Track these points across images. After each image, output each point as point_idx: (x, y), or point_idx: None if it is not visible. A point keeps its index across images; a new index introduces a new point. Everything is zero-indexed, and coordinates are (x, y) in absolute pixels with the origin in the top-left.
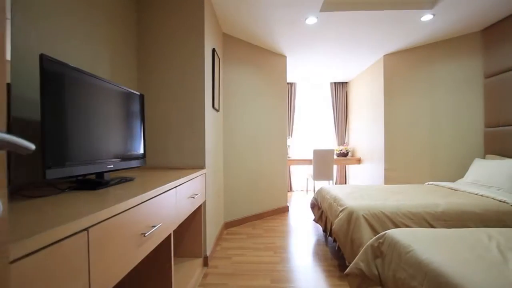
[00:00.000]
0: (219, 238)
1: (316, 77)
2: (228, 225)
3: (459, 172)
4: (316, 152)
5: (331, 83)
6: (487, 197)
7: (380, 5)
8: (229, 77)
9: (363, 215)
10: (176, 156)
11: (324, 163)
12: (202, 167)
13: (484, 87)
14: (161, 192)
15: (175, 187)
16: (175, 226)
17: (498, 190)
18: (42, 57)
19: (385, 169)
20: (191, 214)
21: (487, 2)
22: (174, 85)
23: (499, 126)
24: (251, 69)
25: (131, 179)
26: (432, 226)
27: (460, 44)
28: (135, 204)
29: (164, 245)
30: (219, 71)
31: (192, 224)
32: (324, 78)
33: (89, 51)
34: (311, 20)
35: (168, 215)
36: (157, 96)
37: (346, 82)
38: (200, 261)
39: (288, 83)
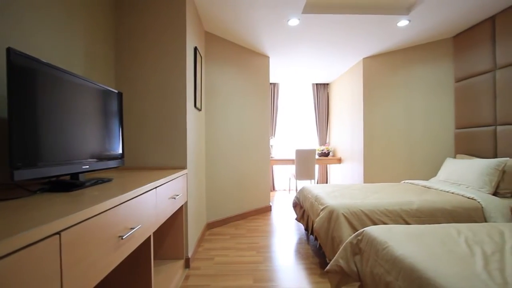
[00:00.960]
0: (201, 239)
1: (298, 77)
2: (210, 225)
3: (433, 171)
4: (298, 152)
5: (313, 84)
6: (457, 194)
7: (360, 9)
8: (211, 76)
9: (343, 214)
10: (156, 156)
11: (306, 163)
12: (183, 167)
13: (455, 90)
14: (140, 193)
15: (155, 187)
16: (155, 228)
17: (467, 187)
18: (9, 51)
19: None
20: (172, 215)
21: (458, 10)
22: (155, 83)
23: (468, 128)
24: (234, 68)
25: (108, 180)
26: (407, 223)
27: (434, 49)
28: (112, 206)
29: (143, 247)
30: (201, 70)
31: (173, 225)
32: (306, 79)
33: (63, 46)
34: (293, 21)
35: (147, 217)
36: (137, 94)
37: (328, 83)
38: (181, 262)
39: (271, 83)
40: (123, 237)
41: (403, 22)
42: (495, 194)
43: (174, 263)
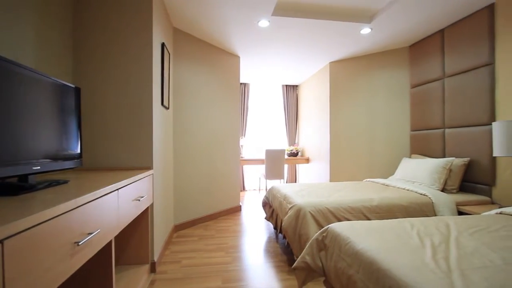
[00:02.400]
0: (169, 242)
1: (269, 78)
2: (178, 227)
3: (391, 170)
4: (268, 152)
5: (283, 85)
6: (411, 191)
7: (327, 15)
8: (180, 74)
9: (309, 212)
10: (120, 156)
11: (276, 163)
12: (149, 167)
13: (410, 95)
14: (99, 196)
15: (117, 189)
16: (116, 232)
17: (420, 184)
18: None
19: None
20: (136, 218)
21: (413, 22)
22: (118, 79)
23: (421, 130)
24: (204, 67)
25: (64, 182)
26: (368, 219)
27: (393, 57)
28: (66, 210)
29: (104, 253)
30: (169, 67)
31: (138, 229)
32: (277, 80)
33: (7, 34)
34: (264, 23)
35: (108, 221)
36: (98, 90)
37: (297, 85)
38: (146, 267)
39: (241, 83)
40: (80, 243)
41: (365, 30)
42: (443, 190)
43: (139, 268)
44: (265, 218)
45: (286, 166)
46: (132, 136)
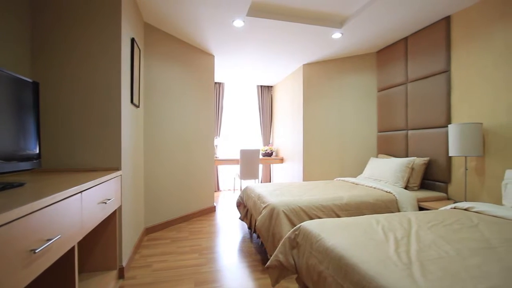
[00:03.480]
0: (139, 246)
1: (244, 78)
2: (149, 230)
3: (360, 169)
4: (243, 152)
5: (258, 86)
6: (378, 189)
7: (301, 18)
8: (152, 72)
9: (283, 211)
10: (85, 156)
11: (250, 163)
12: (117, 168)
13: (378, 99)
14: (59, 199)
15: (81, 192)
16: (80, 237)
17: (386, 183)
18: None
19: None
20: (103, 222)
21: (379, 29)
22: (85, 75)
23: (387, 131)
24: (177, 65)
25: (19, 185)
26: (338, 216)
27: (362, 61)
28: (21, 216)
29: (66, 260)
30: (139, 63)
31: (105, 233)
32: (252, 80)
33: None
34: (238, 23)
35: (70, 225)
36: (61, 86)
37: (272, 86)
38: (114, 273)
39: (216, 82)
40: (36, 251)
41: (337, 35)
42: (406, 187)
43: (106, 274)
44: (240, 218)
45: (260, 166)
46: (98, 135)
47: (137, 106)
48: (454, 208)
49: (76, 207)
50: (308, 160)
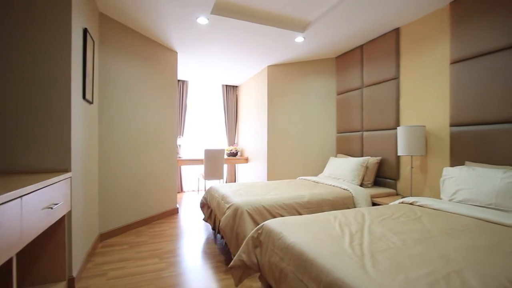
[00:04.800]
0: (92, 253)
1: (208, 77)
2: (105, 236)
3: (321, 168)
4: (207, 152)
5: (223, 85)
6: (336, 187)
7: (265, 20)
8: (108, 65)
9: (246, 210)
10: (28, 157)
11: (215, 163)
12: (66, 169)
13: (337, 101)
14: None
15: (20, 196)
16: (19, 247)
17: (343, 181)
18: None
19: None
20: (50, 228)
21: (337, 36)
22: (28, 67)
23: (345, 132)
24: (136, 59)
25: None
26: (300, 213)
27: (323, 66)
28: None
29: (2, 273)
30: (93, 56)
31: (51, 241)
32: (217, 80)
33: None
34: (202, 20)
35: (7, 235)
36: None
37: (237, 86)
38: (63, 284)
39: (179, 80)
40: None
41: (299, 39)
42: (361, 185)
43: (53, 286)
44: (204, 219)
45: (225, 166)
46: (44, 134)
47: (91, 103)
48: (402, 202)
49: (15, 214)
50: (272, 159)
